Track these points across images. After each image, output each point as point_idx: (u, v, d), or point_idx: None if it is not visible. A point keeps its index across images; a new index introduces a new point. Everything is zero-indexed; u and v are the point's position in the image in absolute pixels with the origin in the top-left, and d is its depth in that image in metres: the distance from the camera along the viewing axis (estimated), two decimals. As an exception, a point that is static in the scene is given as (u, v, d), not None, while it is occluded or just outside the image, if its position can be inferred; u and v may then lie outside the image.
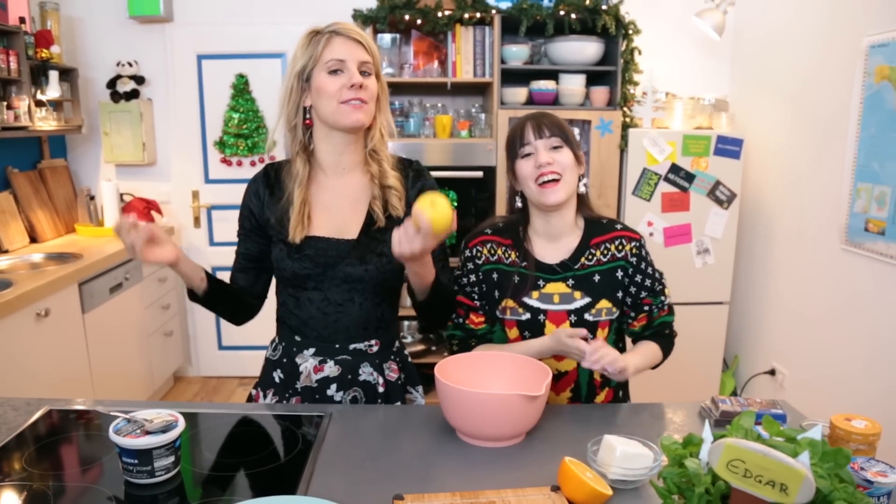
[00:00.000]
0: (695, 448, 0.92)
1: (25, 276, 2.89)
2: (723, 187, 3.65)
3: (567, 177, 1.63)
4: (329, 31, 1.53)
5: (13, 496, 1.23)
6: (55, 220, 3.84)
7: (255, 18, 4.09)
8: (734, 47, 4.04)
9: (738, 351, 4.05)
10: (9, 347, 2.55)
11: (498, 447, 1.40)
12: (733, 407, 1.50)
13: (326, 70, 1.50)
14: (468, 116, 3.91)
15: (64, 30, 3.92)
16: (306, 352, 1.64)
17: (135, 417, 1.30)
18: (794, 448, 0.84)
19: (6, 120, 3.27)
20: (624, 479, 1.22)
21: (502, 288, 1.70)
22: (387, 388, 1.67)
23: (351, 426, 1.51)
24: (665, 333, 1.77)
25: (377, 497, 1.20)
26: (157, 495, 1.24)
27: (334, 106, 1.51)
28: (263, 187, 1.65)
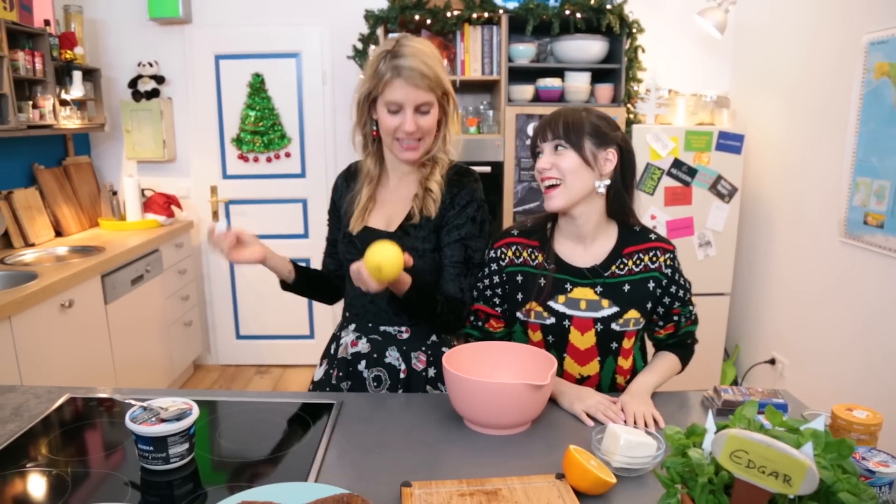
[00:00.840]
0: (698, 438, 0.89)
1: (50, 269, 2.89)
2: (724, 181, 3.60)
3: (569, 181, 1.49)
4: (393, 67, 1.49)
5: (34, 481, 1.22)
6: (79, 214, 3.83)
7: (271, 19, 4.06)
8: (735, 45, 3.98)
9: (738, 341, 4.01)
10: (34, 337, 2.54)
11: (504, 435, 1.38)
12: (735, 396, 1.47)
13: (386, 108, 1.53)
14: (477, 113, 3.87)
15: (87, 32, 3.91)
16: (349, 327, 1.74)
17: (151, 405, 1.28)
18: (796, 439, 0.81)
19: (32, 119, 3.26)
20: (628, 468, 1.19)
21: (526, 290, 1.60)
22: (408, 376, 1.66)
23: (361, 415, 1.49)
24: (687, 343, 1.70)
25: (386, 484, 1.18)
26: (171, 481, 1.22)
27: (390, 140, 1.58)
28: (343, 181, 1.78)
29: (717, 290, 3.76)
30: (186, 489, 1.21)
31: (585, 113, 1.53)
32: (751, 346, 3.89)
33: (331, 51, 4.06)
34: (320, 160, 4.23)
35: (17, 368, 2.43)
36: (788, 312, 3.50)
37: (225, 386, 4.10)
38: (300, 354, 4.43)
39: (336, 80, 4.11)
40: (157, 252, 3.64)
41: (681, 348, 1.69)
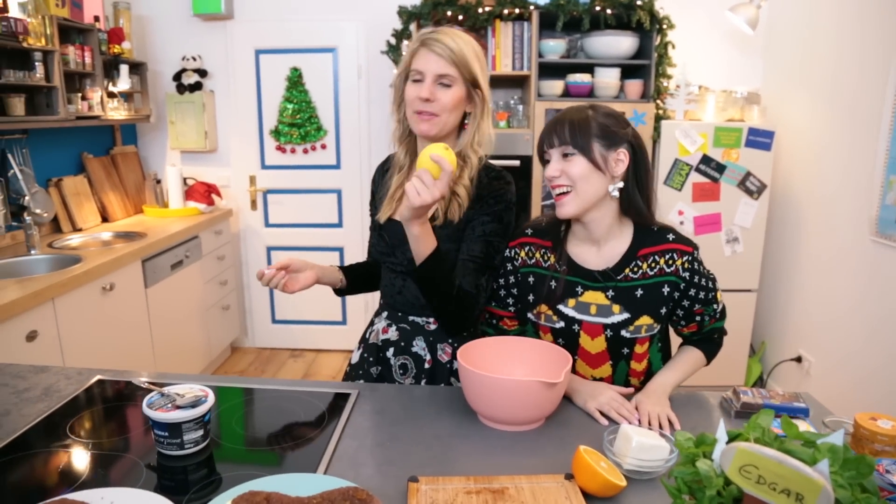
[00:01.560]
0: (708, 448, 0.82)
1: (95, 253, 2.91)
2: (753, 178, 3.47)
3: (579, 187, 1.39)
4: (420, 40, 1.49)
5: (56, 461, 1.21)
6: (125, 201, 3.87)
7: (309, 15, 4.04)
8: (768, 41, 3.82)
9: (765, 337, 3.87)
10: (76, 318, 2.56)
11: (517, 431, 1.32)
12: (755, 399, 1.39)
13: (411, 79, 1.50)
14: (507, 108, 3.79)
15: (135, 27, 3.93)
16: (383, 314, 1.70)
17: (168, 392, 1.26)
18: (812, 454, 0.73)
19: (80, 110, 3.29)
20: (639, 471, 1.12)
21: (537, 292, 1.52)
22: (433, 367, 1.62)
23: (377, 405, 1.45)
24: (713, 338, 1.59)
25: (394, 478, 1.14)
26: (186, 466, 1.20)
27: (410, 113, 1.52)
28: (379, 173, 1.75)
29: (744, 286, 3.63)
30: (201, 474, 1.19)
31: (592, 112, 1.43)
32: (777, 343, 3.76)
33: (366, 46, 4.02)
34: (355, 152, 4.20)
35: (59, 349, 2.45)
36: (816, 310, 3.36)
37: (260, 368, 4.11)
38: (333, 340, 4.43)
39: (371, 74, 4.06)
40: (197, 238, 3.66)
41: (707, 343, 1.59)
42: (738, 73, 3.84)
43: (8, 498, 1.10)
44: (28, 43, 2.86)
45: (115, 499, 1.04)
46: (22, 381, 1.55)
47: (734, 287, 3.62)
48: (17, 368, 1.62)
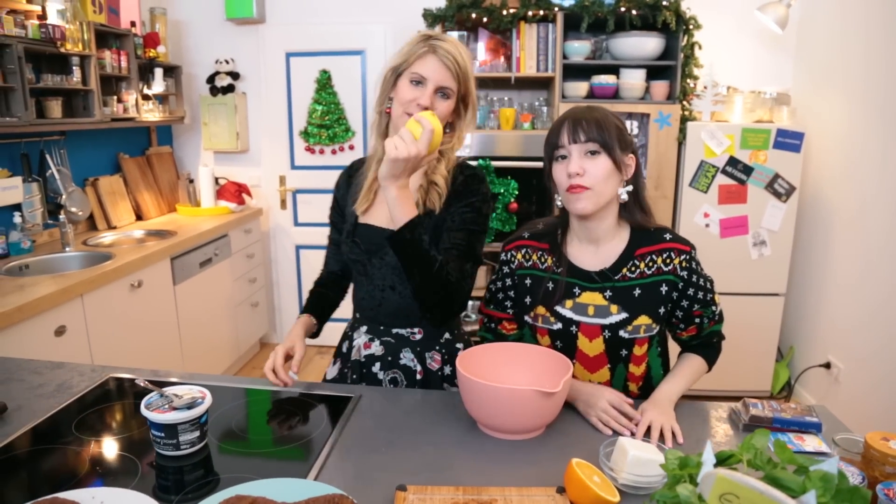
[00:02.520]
0: (693, 470, 0.77)
1: (126, 250, 2.95)
2: (781, 180, 3.34)
3: (599, 188, 1.35)
4: (430, 45, 1.43)
5: (56, 458, 1.21)
6: (159, 200, 3.92)
7: (338, 19, 4.03)
8: (799, 41, 3.68)
9: (793, 342, 3.74)
10: (104, 314, 2.60)
11: (515, 440, 1.28)
12: (764, 412, 1.31)
13: (409, 79, 1.44)
14: (531, 109, 3.73)
15: (170, 31, 3.98)
16: (361, 328, 1.63)
17: (166, 392, 1.25)
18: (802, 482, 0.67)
19: (116, 112, 3.34)
20: (635, 486, 1.07)
21: (535, 294, 1.49)
22: (425, 376, 1.57)
23: (377, 410, 1.42)
24: (713, 342, 1.54)
25: (383, 485, 1.11)
26: (182, 467, 1.19)
27: (400, 112, 1.45)
28: (345, 179, 1.66)
29: (772, 290, 3.51)
30: (197, 475, 1.17)
31: (615, 119, 1.40)
32: (805, 348, 3.62)
33: (394, 48, 3.95)
34: (382, 153, 4.18)
35: (87, 344, 2.48)
36: (846, 315, 3.23)
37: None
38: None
39: (398, 76, 4.03)
40: (227, 237, 3.68)
41: (706, 348, 1.53)
42: (767, 73, 3.71)
43: (8, 492, 1.10)
44: (66, 48, 2.91)
45: (106, 498, 1.03)
46: (38, 376, 1.56)
47: (761, 291, 3.50)
48: (36, 364, 1.64)
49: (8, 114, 2.65)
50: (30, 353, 2.04)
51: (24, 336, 2.18)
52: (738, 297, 3.51)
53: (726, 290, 3.49)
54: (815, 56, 3.53)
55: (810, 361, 3.51)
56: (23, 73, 2.63)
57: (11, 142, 2.93)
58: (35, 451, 1.23)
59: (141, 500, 1.02)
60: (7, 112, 2.65)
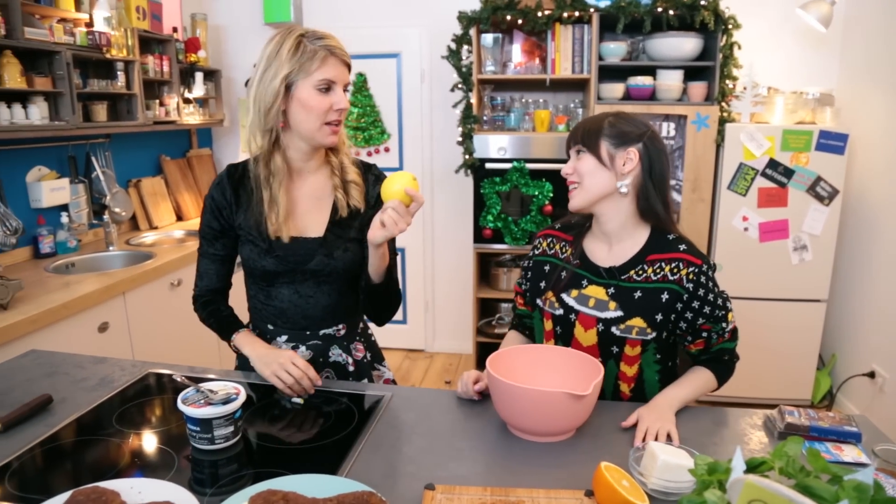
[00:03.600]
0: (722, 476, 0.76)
1: (166, 250, 3.04)
2: (824, 183, 3.26)
3: (585, 183, 1.47)
4: (323, 48, 1.39)
5: (98, 448, 1.26)
6: (199, 201, 4.01)
7: (373, 22, 4.08)
8: (844, 39, 3.59)
9: (835, 350, 3.64)
10: (145, 312, 2.67)
11: (545, 442, 1.28)
12: (801, 420, 1.29)
13: (315, 87, 1.39)
14: (566, 111, 3.72)
15: (210, 36, 4.07)
16: (279, 338, 1.61)
17: (202, 388, 1.28)
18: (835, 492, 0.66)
19: (158, 115, 3.43)
20: (664, 491, 1.06)
21: (548, 280, 1.58)
22: (356, 367, 1.65)
23: (407, 408, 1.43)
24: (723, 359, 1.52)
25: (412, 484, 1.12)
26: (216, 461, 1.22)
27: (318, 125, 1.43)
28: (230, 190, 1.54)
29: (813, 296, 3.42)
30: (230, 469, 1.20)
31: (613, 118, 1.50)
32: (848, 356, 3.53)
33: (429, 51, 4.02)
34: (417, 154, 4.21)
35: (128, 340, 2.56)
36: (891, 323, 3.13)
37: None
38: (394, 339, 4.45)
39: (433, 78, 4.07)
40: (264, 238, 3.75)
41: (716, 363, 1.51)
42: (809, 73, 3.62)
43: (52, 480, 1.15)
44: (111, 54, 3.01)
45: (144, 489, 1.06)
46: (81, 370, 1.62)
47: (802, 297, 3.42)
48: (80, 359, 1.70)
49: (57, 118, 2.75)
50: (74, 347, 2.12)
51: (69, 331, 2.26)
52: (778, 303, 3.44)
53: (765, 295, 3.43)
54: (862, 55, 3.44)
55: (853, 370, 3.42)
56: (71, 78, 2.73)
57: (60, 144, 3.04)
58: (78, 442, 1.28)
59: (177, 492, 1.05)
60: (56, 116, 2.75)
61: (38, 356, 1.72)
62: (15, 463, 1.18)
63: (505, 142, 3.50)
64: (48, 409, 1.40)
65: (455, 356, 4.37)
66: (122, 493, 1.02)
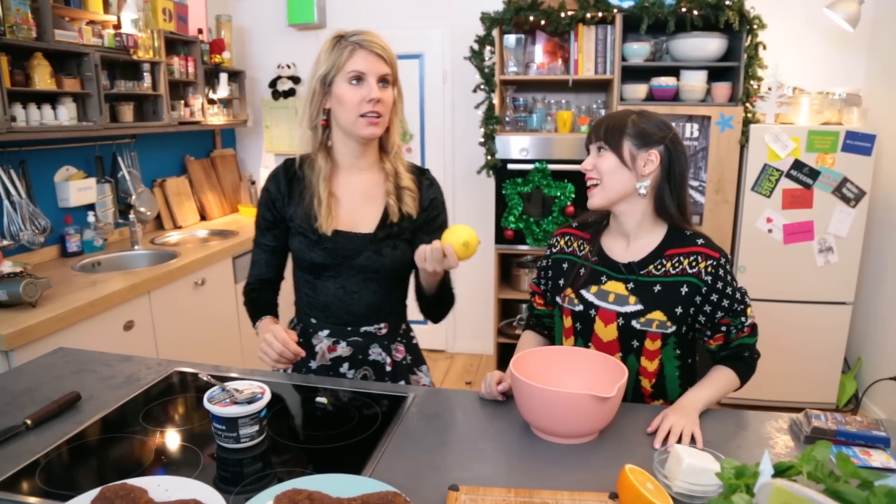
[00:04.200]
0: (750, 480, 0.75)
1: (190, 249, 3.06)
2: (850, 184, 3.21)
3: (606, 182, 1.46)
4: (353, 42, 1.45)
5: (124, 446, 1.27)
6: (222, 201, 4.05)
7: (395, 23, 4.08)
8: (872, 38, 3.52)
9: (861, 353, 3.58)
10: (169, 311, 2.70)
11: (568, 444, 1.27)
12: (828, 424, 1.27)
13: (347, 81, 1.44)
14: (589, 112, 3.69)
15: (235, 37, 4.11)
16: (321, 333, 1.62)
17: (228, 387, 1.29)
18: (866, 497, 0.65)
19: (183, 116, 3.47)
20: (690, 494, 1.05)
21: (567, 277, 1.58)
22: (394, 368, 1.65)
23: (432, 410, 1.43)
24: (744, 356, 1.50)
25: (436, 484, 1.12)
26: (242, 459, 1.23)
27: (353, 118, 1.46)
28: (284, 182, 1.60)
29: (838, 298, 3.37)
30: (255, 468, 1.21)
31: (636, 116, 1.47)
32: (875, 359, 3.46)
33: (451, 52, 4.02)
34: (439, 155, 4.21)
35: (153, 339, 2.59)
36: (919, 327, 3.07)
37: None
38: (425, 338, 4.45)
39: (455, 79, 4.06)
40: (286, 238, 3.77)
41: (737, 361, 1.49)
42: (836, 73, 3.56)
43: (80, 476, 1.16)
44: (138, 56, 3.04)
45: (171, 487, 1.07)
46: (108, 368, 1.64)
47: (827, 299, 3.37)
48: (106, 357, 1.72)
49: (85, 118, 2.79)
50: (100, 345, 2.14)
51: (95, 329, 2.29)
52: (803, 305, 3.39)
53: (790, 297, 3.38)
54: (890, 54, 3.38)
55: (879, 373, 3.36)
56: (99, 79, 2.77)
57: (87, 145, 3.08)
58: (105, 440, 1.29)
59: (204, 490, 1.06)
60: (84, 117, 2.79)
61: (66, 354, 1.74)
62: (44, 459, 1.20)
63: (527, 142, 3.49)
64: (76, 406, 1.41)
65: (476, 357, 4.37)
66: (149, 491, 1.03)
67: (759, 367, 1.52)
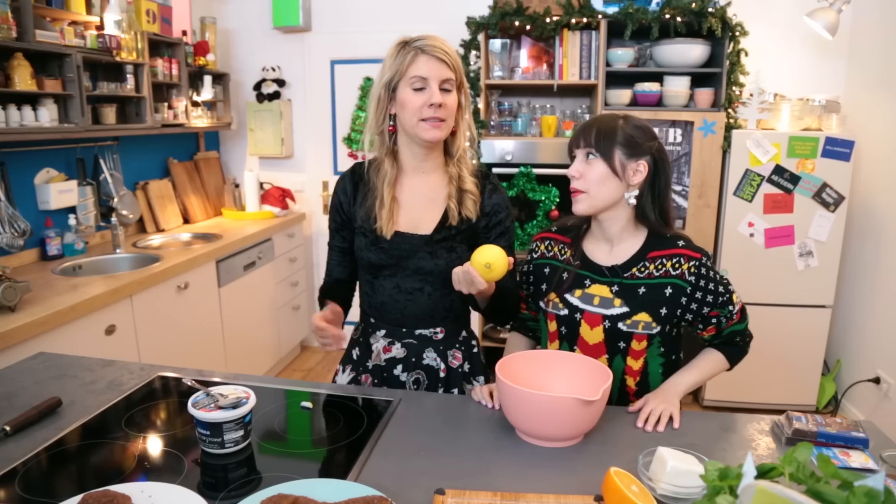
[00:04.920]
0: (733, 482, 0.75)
1: (173, 253, 3.04)
2: (830, 190, 3.25)
3: (593, 191, 1.45)
4: (415, 48, 1.45)
5: (106, 452, 1.25)
6: (205, 204, 4.02)
7: (382, 26, 4.07)
8: (851, 46, 3.58)
9: (840, 356, 3.63)
10: (152, 315, 2.67)
11: (554, 447, 1.27)
12: (808, 425, 1.28)
13: (410, 86, 1.45)
14: (573, 117, 3.72)
15: (219, 40, 4.08)
16: (378, 333, 1.63)
17: (212, 392, 1.28)
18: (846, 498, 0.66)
19: (166, 118, 3.44)
20: (674, 496, 1.06)
21: (550, 282, 1.58)
22: (448, 374, 1.62)
23: (417, 413, 1.43)
24: (735, 341, 1.56)
25: (422, 489, 1.11)
26: (226, 465, 1.22)
27: (415, 122, 1.47)
28: (350, 185, 1.63)
29: (818, 301, 3.41)
30: (240, 473, 1.20)
31: (623, 122, 1.46)
32: (853, 362, 3.51)
33: (436, 56, 4.02)
34: (423, 159, 4.21)
35: (135, 343, 2.56)
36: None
37: (327, 367, 4.18)
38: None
39: (440, 83, 4.06)
40: (270, 241, 3.75)
41: (728, 346, 1.56)
42: (816, 80, 3.61)
43: (61, 484, 1.14)
44: (121, 57, 3.01)
45: (154, 493, 1.06)
46: (90, 373, 1.62)
47: (807, 302, 3.41)
48: (88, 362, 1.70)
49: (66, 120, 2.76)
50: (82, 350, 2.11)
51: (76, 334, 2.26)
52: (784, 309, 3.42)
53: (771, 301, 3.41)
54: (869, 62, 3.43)
55: (858, 376, 3.41)
56: (81, 81, 2.74)
57: (68, 147, 3.04)
58: (86, 446, 1.27)
59: (188, 495, 1.05)
60: (65, 118, 2.76)
61: (46, 359, 1.72)
62: (23, 467, 1.18)
63: (512, 147, 3.50)
64: (57, 412, 1.39)
65: (460, 360, 4.36)
66: (133, 497, 1.02)
67: (741, 371, 1.56)
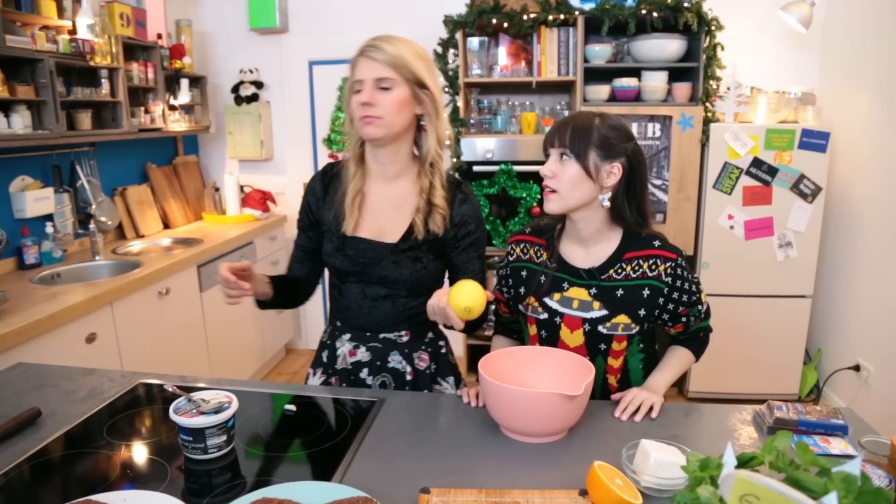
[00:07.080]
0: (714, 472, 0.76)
1: (154, 258, 3.01)
2: (807, 181, 3.30)
3: (565, 192, 1.43)
4: (359, 52, 1.46)
5: (88, 462, 1.24)
6: (185, 208, 3.99)
7: (360, 27, 4.06)
8: (825, 39, 3.63)
9: (821, 345, 3.68)
10: (133, 322, 2.65)
11: (538, 443, 1.28)
12: (789, 414, 1.30)
13: (352, 90, 1.47)
14: (553, 113, 3.73)
15: (195, 42, 4.05)
16: (343, 336, 1.63)
17: (194, 397, 1.27)
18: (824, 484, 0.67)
19: (143, 123, 3.41)
20: (658, 488, 1.07)
21: (528, 285, 1.57)
22: (415, 377, 1.62)
23: (401, 413, 1.43)
24: (699, 336, 1.62)
25: (408, 488, 1.12)
26: (210, 471, 1.21)
27: (358, 123, 1.47)
28: (321, 185, 1.63)
29: (798, 292, 3.46)
30: (224, 478, 1.19)
31: (598, 121, 1.44)
32: (834, 350, 3.56)
33: (414, 55, 4.01)
34: (404, 159, 4.20)
35: (117, 351, 2.53)
36: (875, 317, 3.17)
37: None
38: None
39: (419, 82, 4.06)
40: (252, 244, 3.73)
41: (693, 342, 1.61)
42: (791, 73, 3.66)
43: (43, 495, 1.13)
44: (95, 62, 2.98)
45: (137, 502, 1.05)
46: (70, 382, 1.60)
47: (788, 293, 3.46)
48: (68, 370, 1.68)
49: (40, 126, 2.72)
50: (62, 359, 2.09)
51: (56, 343, 2.24)
52: (764, 300, 3.47)
53: (751, 292, 3.46)
54: (842, 54, 3.49)
55: (839, 364, 3.46)
56: (54, 86, 2.70)
57: (43, 154, 3.00)
58: (68, 456, 1.26)
59: (171, 503, 1.04)
60: (39, 125, 2.72)
61: (25, 369, 1.70)
62: (3, 479, 1.16)
63: (492, 144, 3.51)
64: (37, 422, 1.38)
65: (446, 359, 4.36)
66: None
67: (724, 362, 1.60)
